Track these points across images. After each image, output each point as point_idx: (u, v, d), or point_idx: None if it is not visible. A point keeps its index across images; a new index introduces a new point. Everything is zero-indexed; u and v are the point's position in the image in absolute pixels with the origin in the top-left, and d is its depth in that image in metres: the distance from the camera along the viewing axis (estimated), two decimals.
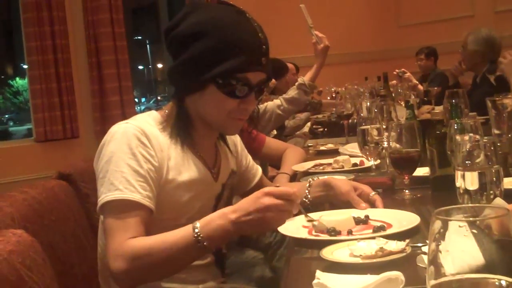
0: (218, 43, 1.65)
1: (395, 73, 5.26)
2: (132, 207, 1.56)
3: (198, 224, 1.50)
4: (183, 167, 1.73)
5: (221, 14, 1.70)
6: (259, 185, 2.06)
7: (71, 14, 6.48)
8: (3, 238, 1.16)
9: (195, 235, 1.48)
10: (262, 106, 3.46)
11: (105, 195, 1.58)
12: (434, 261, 0.78)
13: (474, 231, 0.76)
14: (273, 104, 3.49)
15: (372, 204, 1.86)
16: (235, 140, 2.05)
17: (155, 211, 1.62)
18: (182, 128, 1.75)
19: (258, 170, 2.14)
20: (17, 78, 13.45)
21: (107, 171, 1.60)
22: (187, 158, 1.75)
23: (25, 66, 6.51)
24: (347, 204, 1.89)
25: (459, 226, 0.76)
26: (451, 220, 0.77)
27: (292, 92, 3.51)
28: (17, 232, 1.21)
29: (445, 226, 0.77)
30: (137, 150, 1.62)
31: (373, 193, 1.90)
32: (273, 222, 1.51)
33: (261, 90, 1.76)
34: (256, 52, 1.68)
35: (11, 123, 13.96)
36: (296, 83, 3.54)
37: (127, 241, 1.51)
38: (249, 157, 2.12)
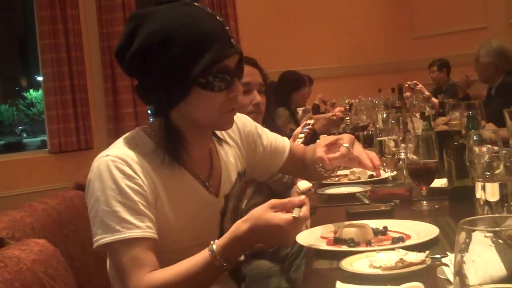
0: (185, 44, 1.53)
1: (406, 85, 5.26)
2: (136, 243, 1.50)
3: (214, 247, 1.46)
4: (175, 188, 1.64)
5: (172, 15, 1.57)
6: (291, 158, 2.00)
7: (86, 27, 6.54)
8: (26, 248, 1.17)
9: (215, 261, 1.45)
10: None
11: (101, 237, 1.50)
12: (459, 271, 0.78)
13: (500, 241, 0.76)
14: None
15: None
16: (243, 130, 1.91)
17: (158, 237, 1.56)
18: (174, 144, 1.64)
19: (285, 141, 2.03)
20: (31, 90, 13.56)
21: (97, 210, 1.52)
22: (178, 176, 1.65)
23: (40, 78, 6.56)
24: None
25: (485, 236, 0.76)
26: (475, 230, 0.77)
27: None
28: (39, 242, 1.22)
29: (469, 236, 0.77)
30: (123, 183, 1.53)
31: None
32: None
33: (240, 72, 1.65)
34: (224, 36, 1.57)
35: (25, 135, 14.05)
36: None
37: (144, 277, 1.47)
38: (270, 133, 2.00)
